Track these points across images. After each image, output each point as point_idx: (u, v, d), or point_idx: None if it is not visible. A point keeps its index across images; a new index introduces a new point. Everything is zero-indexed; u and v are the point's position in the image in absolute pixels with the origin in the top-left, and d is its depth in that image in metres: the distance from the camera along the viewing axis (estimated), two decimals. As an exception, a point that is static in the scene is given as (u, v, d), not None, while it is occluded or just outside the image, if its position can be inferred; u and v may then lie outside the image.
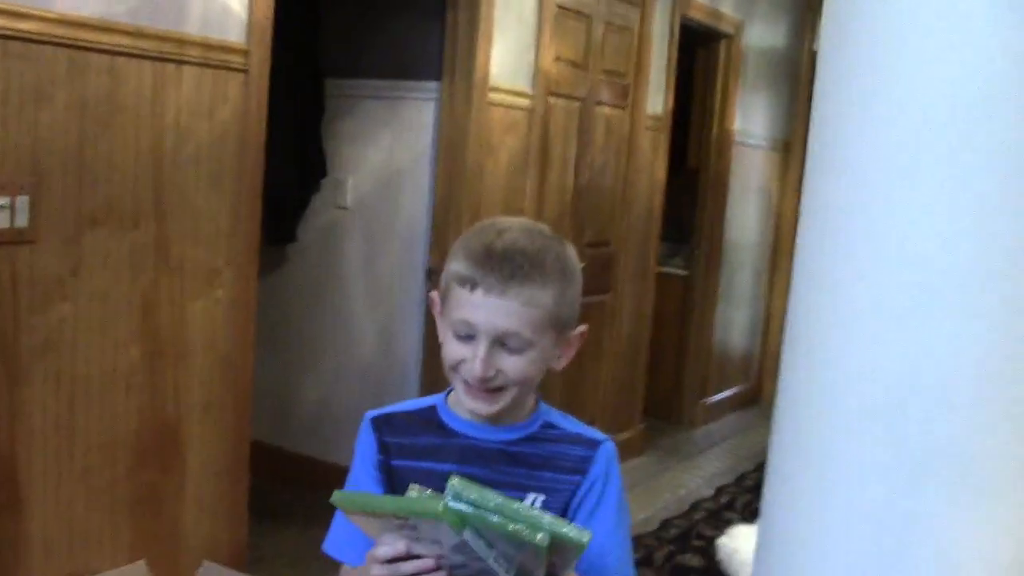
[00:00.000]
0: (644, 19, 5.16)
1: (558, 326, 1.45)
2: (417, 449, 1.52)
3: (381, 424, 1.56)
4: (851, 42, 1.85)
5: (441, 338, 1.49)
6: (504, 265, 1.39)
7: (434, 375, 4.09)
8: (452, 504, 1.20)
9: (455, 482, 1.24)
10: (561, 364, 1.51)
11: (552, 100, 4.55)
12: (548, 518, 1.24)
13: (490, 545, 1.21)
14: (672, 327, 6.52)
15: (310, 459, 4.58)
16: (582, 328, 1.51)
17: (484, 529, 1.20)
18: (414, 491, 1.32)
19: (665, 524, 4.74)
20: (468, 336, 1.42)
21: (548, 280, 1.41)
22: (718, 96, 6.35)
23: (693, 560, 4.34)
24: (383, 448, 1.54)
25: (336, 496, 1.31)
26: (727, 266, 6.78)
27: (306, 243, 4.61)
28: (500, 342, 1.40)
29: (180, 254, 3.00)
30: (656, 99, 5.44)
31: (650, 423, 6.05)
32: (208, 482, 3.22)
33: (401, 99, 4.31)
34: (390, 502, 1.32)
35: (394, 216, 4.36)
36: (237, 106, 3.10)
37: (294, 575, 3.72)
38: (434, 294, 1.52)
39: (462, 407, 1.51)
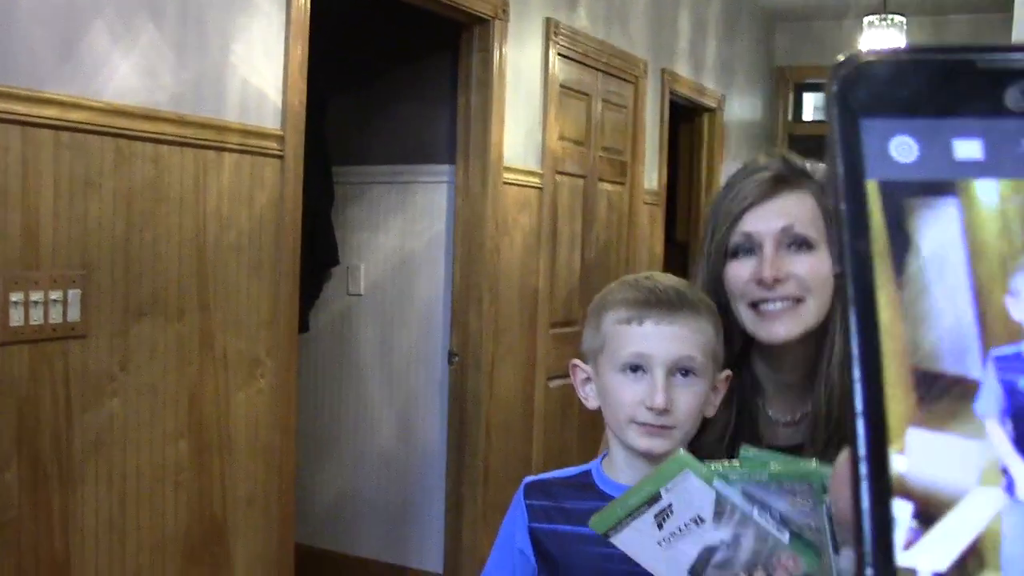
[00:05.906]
0: (637, 96, 5.21)
1: (716, 361, 1.46)
2: (569, 513, 1.50)
3: (533, 489, 1.55)
4: None
5: (598, 397, 1.50)
6: (670, 297, 1.43)
7: (460, 460, 4.02)
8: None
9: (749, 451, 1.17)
10: (711, 410, 1.49)
11: (559, 178, 4.56)
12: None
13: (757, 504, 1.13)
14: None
15: (330, 552, 4.47)
16: (727, 372, 1.50)
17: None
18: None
19: None
20: (639, 370, 1.42)
21: (707, 312, 1.45)
22: (704, 169, 6.42)
23: None
24: (532, 512, 1.52)
25: (595, 520, 1.24)
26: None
27: (318, 332, 4.55)
28: (673, 371, 1.41)
29: (223, 344, 2.94)
30: (651, 174, 5.48)
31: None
32: (254, 577, 3.12)
33: (412, 183, 4.30)
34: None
35: (409, 300, 4.32)
36: (274, 192, 3.06)
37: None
38: (576, 361, 1.54)
39: (618, 471, 1.49)
